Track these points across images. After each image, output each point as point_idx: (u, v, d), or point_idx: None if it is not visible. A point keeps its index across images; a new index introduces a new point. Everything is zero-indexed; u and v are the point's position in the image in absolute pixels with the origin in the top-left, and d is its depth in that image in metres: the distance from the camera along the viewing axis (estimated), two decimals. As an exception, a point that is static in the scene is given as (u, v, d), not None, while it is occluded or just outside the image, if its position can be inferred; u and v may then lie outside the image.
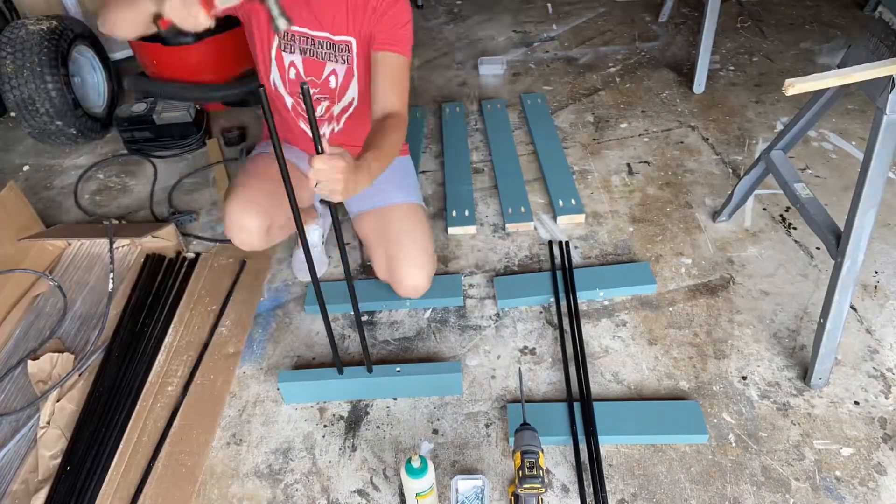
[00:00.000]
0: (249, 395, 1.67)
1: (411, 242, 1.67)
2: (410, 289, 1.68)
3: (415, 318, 1.84)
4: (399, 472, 1.45)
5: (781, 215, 2.09)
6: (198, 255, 2.08)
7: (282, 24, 1.23)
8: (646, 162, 2.37)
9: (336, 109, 1.69)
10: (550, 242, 2.04)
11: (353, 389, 1.62)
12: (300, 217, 1.29)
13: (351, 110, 1.69)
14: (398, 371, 1.60)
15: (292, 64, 1.62)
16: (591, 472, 1.43)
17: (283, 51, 1.61)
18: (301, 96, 1.23)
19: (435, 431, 1.56)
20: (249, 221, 1.60)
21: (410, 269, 1.65)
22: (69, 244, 2.11)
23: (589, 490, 1.40)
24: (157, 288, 1.95)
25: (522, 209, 2.14)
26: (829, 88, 1.53)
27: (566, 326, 1.77)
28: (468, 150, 2.47)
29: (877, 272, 1.87)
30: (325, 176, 1.17)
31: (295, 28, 1.55)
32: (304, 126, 1.73)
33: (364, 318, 1.84)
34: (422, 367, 1.64)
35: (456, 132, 2.56)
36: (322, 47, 1.58)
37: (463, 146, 2.48)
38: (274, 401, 1.65)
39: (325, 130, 1.73)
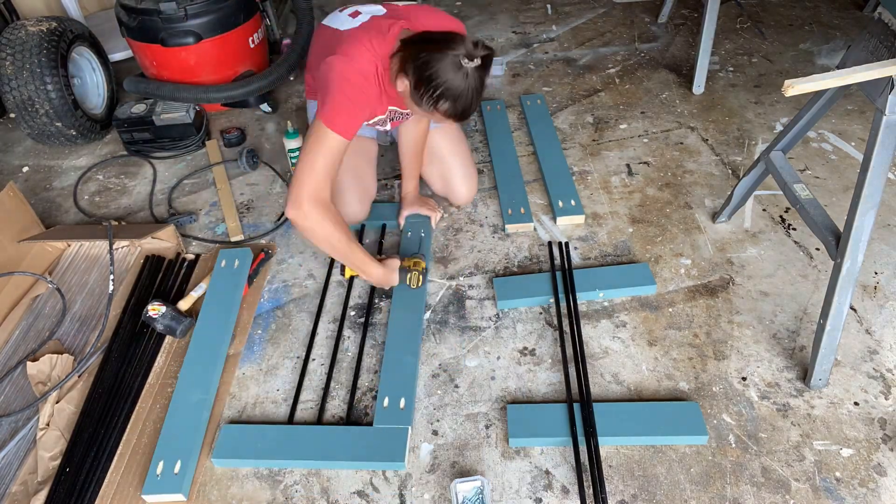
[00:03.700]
0: (249, 396, 1.67)
1: (460, 162, 2.12)
2: (463, 197, 2.16)
3: (414, 319, 1.84)
4: (396, 471, 1.46)
5: (781, 216, 2.09)
6: (197, 256, 2.08)
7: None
8: (645, 163, 2.37)
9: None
10: (550, 243, 2.04)
11: None
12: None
13: None
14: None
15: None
16: (590, 473, 1.43)
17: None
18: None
19: (435, 433, 1.56)
20: (359, 206, 2.03)
21: (463, 182, 2.13)
22: (69, 245, 2.11)
23: (589, 491, 1.40)
24: (157, 289, 1.95)
25: (522, 210, 2.14)
26: (828, 89, 1.53)
27: (566, 327, 1.77)
28: (468, 151, 2.47)
29: (876, 273, 1.87)
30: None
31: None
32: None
33: (362, 320, 1.84)
34: None
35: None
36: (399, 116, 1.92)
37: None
38: (273, 402, 1.65)
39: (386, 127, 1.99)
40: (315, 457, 1.50)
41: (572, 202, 2.15)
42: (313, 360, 1.75)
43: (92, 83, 2.80)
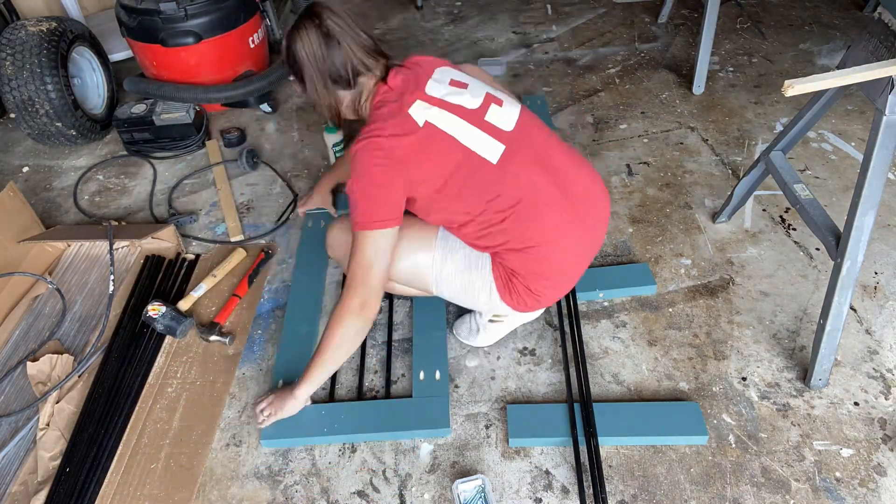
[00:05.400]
0: (249, 396, 1.67)
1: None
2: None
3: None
4: (397, 471, 1.46)
5: (781, 216, 2.09)
6: (197, 256, 2.08)
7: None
8: (645, 163, 2.37)
9: None
10: (550, 243, 2.04)
11: None
12: None
13: None
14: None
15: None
16: (590, 473, 1.43)
17: None
18: None
19: (435, 432, 1.56)
20: None
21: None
22: (69, 245, 2.11)
23: (589, 491, 1.40)
24: (157, 289, 1.95)
25: (522, 210, 2.14)
26: (828, 89, 1.53)
27: (566, 327, 1.77)
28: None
29: (876, 273, 1.87)
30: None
31: None
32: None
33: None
34: None
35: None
36: None
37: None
38: (273, 402, 1.65)
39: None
40: (359, 430, 1.54)
41: (572, 202, 2.15)
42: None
43: (92, 83, 2.80)
